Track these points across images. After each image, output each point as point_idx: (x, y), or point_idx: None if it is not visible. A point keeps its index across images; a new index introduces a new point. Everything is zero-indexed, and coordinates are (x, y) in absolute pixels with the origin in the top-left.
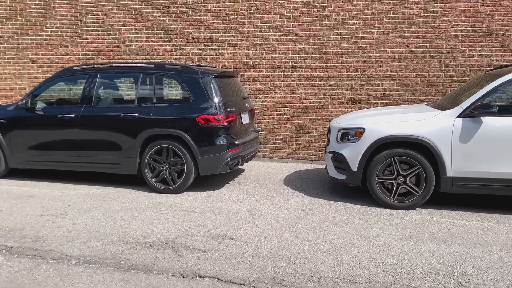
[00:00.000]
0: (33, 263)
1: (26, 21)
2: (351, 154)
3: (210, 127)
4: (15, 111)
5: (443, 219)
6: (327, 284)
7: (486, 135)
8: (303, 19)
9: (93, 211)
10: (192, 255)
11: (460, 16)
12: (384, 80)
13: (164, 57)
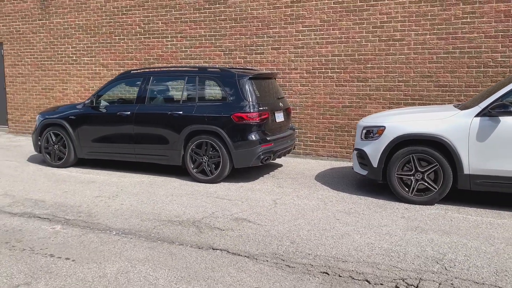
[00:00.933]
0: (82, 232)
1: (98, 31)
2: (372, 151)
3: (244, 124)
4: (83, 109)
5: (457, 214)
6: (320, 261)
7: (504, 134)
8: (342, 22)
9: (140, 195)
10: (212, 232)
11: (500, 17)
12: (422, 81)
13: (214, 61)
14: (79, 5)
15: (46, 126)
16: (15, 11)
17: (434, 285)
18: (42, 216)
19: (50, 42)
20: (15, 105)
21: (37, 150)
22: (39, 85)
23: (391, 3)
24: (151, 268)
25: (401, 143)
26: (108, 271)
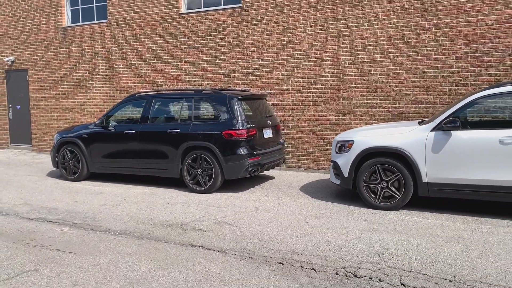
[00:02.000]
0: (85, 232)
1: (112, 57)
2: (344, 162)
3: (233, 140)
4: (94, 128)
5: (415, 218)
6: (279, 254)
7: (454, 146)
8: (328, 46)
9: (140, 203)
10: (195, 233)
11: (468, 39)
12: (401, 99)
13: (215, 83)
14: (95, 34)
15: (62, 144)
16: (38, 41)
17: (368, 272)
18: (54, 220)
19: (70, 68)
20: (38, 125)
21: (54, 165)
22: (59, 107)
23: (371, 28)
24: (137, 259)
25: (368, 155)
26: (101, 261)
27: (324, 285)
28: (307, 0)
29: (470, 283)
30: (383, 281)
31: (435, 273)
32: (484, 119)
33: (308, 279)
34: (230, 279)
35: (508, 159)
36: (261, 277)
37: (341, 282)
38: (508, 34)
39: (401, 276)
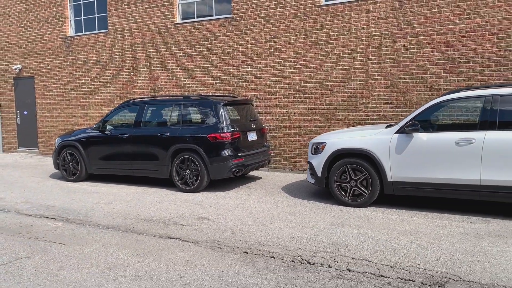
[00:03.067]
0: (76, 227)
1: (112, 65)
2: (317, 163)
3: (217, 142)
4: (92, 132)
5: (380, 214)
6: (246, 244)
7: (415, 147)
8: (311, 54)
9: (130, 201)
10: (175, 227)
11: (441, 47)
12: (379, 103)
13: (208, 89)
14: (96, 43)
15: (63, 147)
16: (44, 50)
17: (320, 260)
18: (49, 216)
19: (73, 75)
20: (44, 130)
21: (56, 167)
22: (64, 112)
23: (351, 37)
24: (118, 249)
25: (339, 156)
26: (86, 250)
27: (278, 270)
28: (292, 11)
29: (408, 268)
30: (331, 267)
31: (380, 261)
32: (443, 122)
33: (266, 265)
34: (196, 265)
35: (463, 159)
36: (224, 264)
37: (294, 268)
38: (477, 42)
39: (348, 263)
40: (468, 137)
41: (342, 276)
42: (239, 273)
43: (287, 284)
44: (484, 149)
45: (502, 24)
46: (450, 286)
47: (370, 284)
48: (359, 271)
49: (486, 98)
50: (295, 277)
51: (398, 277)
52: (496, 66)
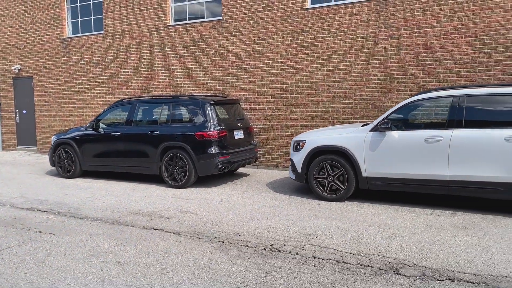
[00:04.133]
0: (67, 219)
1: (108, 65)
2: (298, 160)
3: (204, 140)
4: (86, 131)
5: (355, 208)
6: (223, 235)
7: (387, 145)
8: (298, 56)
9: (120, 196)
10: (159, 219)
11: (419, 49)
12: (361, 103)
13: (199, 89)
14: (92, 44)
15: (58, 145)
16: (42, 50)
17: (290, 248)
18: (43, 210)
19: (70, 76)
20: (42, 128)
21: (52, 164)
22: (61, 111)
23: (335, 39)
24: (103, 238)
25: (317, 153)
26: (74, 240)
27: (249, 257)
28: (279, 14)
29: (369, 256)
30: (299, 254)
31: (345, 249)
32: (414, 121)
33: (238, 252)
34: (173, 253)
35: (431, 156)
36: (200, 251)
37: (264, 255)
38: (453, 44)
39: (315, 250)
40: (436, 135)
41: (306, 262)
42: (212, 260)
43: (254, 269)
44: (451, 146)
45: (477, 27)
46: (403, 271)
47: (331, 269)
48: (323, 258)
49: (453, 98)
50: (263, 263)
51: (358, 263)
52: (471, 67)
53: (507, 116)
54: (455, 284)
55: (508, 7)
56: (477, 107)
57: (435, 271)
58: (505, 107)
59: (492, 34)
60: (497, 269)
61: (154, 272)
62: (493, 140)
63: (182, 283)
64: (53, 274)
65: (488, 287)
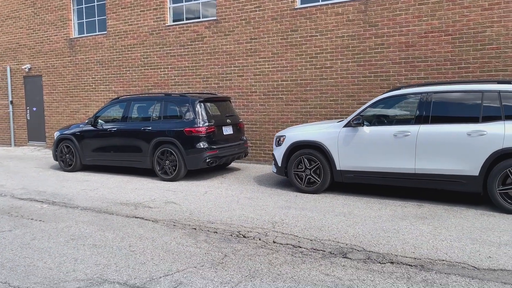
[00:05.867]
0: (58, 208)
1: (111, 64)
2: (278, 154)
3: (193, 136)
4: (85, 127)
5: (329, 199)
6: (197, 222)
7: (359, 139)
8: (287, 54)
9: (113, 188)
10: (143, 209)
11: (402, 47)
12: (347, 100)
13: (195, 87)
14: (96, 44)
15: (60, 140)
16: (51, 50)
17: (255, 234)
18: (39, 200)
19: (76, 74)
20: (50, 125)
21: (55, 159)
22: (68, 108)
23: (322, 38)
24: (86, 225)
25: (296, 147)
26: (59, 226)
27: (214, 242)
28: (270, 14)
29: (324, 241)
30: (261, 239)
31: (304, 235)
32: (385, 116)
33: (206, 238)
34: (146, 237)
35: (400, 150)
36: (170, 237)
37: (228, 240)
38: (434, 42)
39: (276, 236)
40: (404, 130)
41: (265, 246)
42: (180, 244)
43: (215, 252)
44: (418, 141)
45: (456, 25)
46: (351, 255)
47: (285, 252)
48: (281, 243)
49: (421, 95)
50: (225, 247)
51: (312, 248)
52: (451, 65)
53: (470, 112)
54: (394, 266)
55: (486, 6)
56: (442, 104)
57: (380, 255)
58: (468, 103)
59: (470, 32)
60: (438, 254)
61: (124, 254)
62: (456, 135)
63: (145, 263)
64: (33, 254)
65: (423, 268)
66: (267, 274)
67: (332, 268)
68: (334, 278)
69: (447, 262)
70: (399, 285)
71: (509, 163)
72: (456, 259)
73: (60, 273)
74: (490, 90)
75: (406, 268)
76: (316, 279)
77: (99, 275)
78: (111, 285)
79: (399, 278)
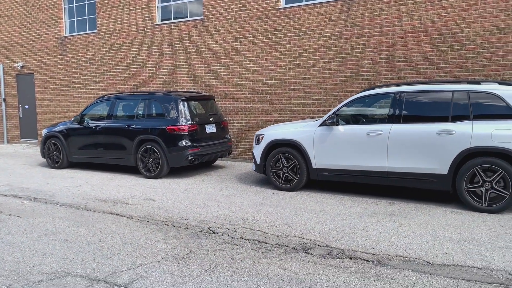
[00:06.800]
0: (39, 204)
1: (101, 63)
2: (257, 152)
3: (175, 134)
4: (72, 124)
5: (304, 196)
6: (171, 219)
7: (333, 138)
8: (272, 54)
9: (96, 185)
10: (121, 206)
11: (382, 47)
12: (330, 99)
13: (183, 85)
14: (87, 42)
15: (48, 138)
16: (42, 49)
17: (224, 230)
18: (21, 196)
19: (67, 72)
20: (43, 122)
21: (42, 156)
22: (59, 106)
23: (306, 37)
24: (62, 221)
25: (273, 146)
26: (36, 221)
27: (183, 237)
28: (255, 13)
29: (290, 237)
30: (229, 235)
31: (272, 231)
32: (360, 115)
33: (175, 233)
34: (117, 233)
35: (372, 149)
36: (141, 232)
37: (197, 236)
38: (413, 42)
39: (244, 232)
40: (377, 129)
41: (231, 242)
42: (149, 239)
43: (181, 247)
44: (390, 140)
45: (435, 26)
46: (313, 250)
47: (249, 248)
48: (248, 239)
49: (394, 94)
50: (192, 242)
51: (277, 243)
52: (430, 65)
53: (440, 111)
54: (351, 262)
55: (463, 6)
56: (414, 103)
57: (340, 251)
58: (438, 103)
59: (448, 33)
60: (397, 250)
61: (92, 249)
62: (426, 134)
63: (111, 258)
64: (5, 248)
65: (379, 264)
66: (227, 268)
67: (291, 263)
68: (290, 273)
69: (403, 258)
70: (351, 280)
71: (476, 162)
72: (413, 255)
73: (27, 266)
74: (459, 90)
75: (362, 263)
76: (272, 273)
77: (64, 268)
78: (73, 278)
79: (353, 273)
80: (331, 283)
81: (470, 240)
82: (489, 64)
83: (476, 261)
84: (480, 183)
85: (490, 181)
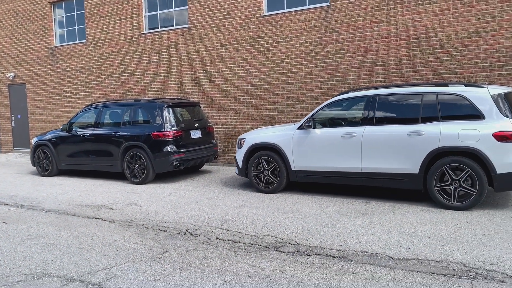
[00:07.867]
0: (25, 211)
1: (90, 71)
2: (239, 156)
3: (160, 140)
4: (60, 133)
5: (284, 198)
6: (151, 222)
7: (310, 141)
8: (255, 60)
9: (83, 192)
10: (105, 211)
11: (361, 52)
12: (311, 103)
13: (170, 92)
14: (77, 52)
15: (37, 146)
16: (33, 59)
17: (202, 232)
18: (9, 203)
19: (58, 82)
20: (34, 132)
21: (33, 164)
22: (51, 115)
23: (288, 44)
24: (46, 226)
25: (255, 149)
26: (21, 227)
27: (160, 239)
28: (238, 21)
29: (263, 237)
30: (206, 236)
31: (247, 232)
32: (335, 119)
33: (154, 236)
34: (98, 236)
35: (347, 151)
36: (121, 235)
37: (175, 237)
38: (390, 46)
39: (220, 233)
40: (351, 131)
41: (206, 242)
42: (127, 241)
43: (158, 248)
44: (363, 141)
45: (410, 30)
46: (283, 248)
47: (223, 247)
48: (223, 239)
49: (367, 98)
50: (169, 244)
51: (250, 243)
52: (406, 68)
53: (411, 113)
54: (318, 258)
55: (436, 11)
56: (386, 106)
57: (309, 248)
58: (409, 105)
59: (423, 37)
60: (363, 246)
61: (72, 251)
62: (397, 135)
63: (89, 259)
64: None
65: (344, 259)
66: (198, 267)
67: (259, 260)
68: (257, 269)
69: (368, 253)
70: (315, 274)
71: (445, 161)
72: (378, 250)
73: (6, 268)
74: (428, 93)
75: (328, 259)
76: (240, 270)
77: (42, 270)
78: (50, 279)
79: (317, 268)
80: (295, 277)
81: (434, 236)
82: (462, 66)
83: (436, 255)
84: (449, 182)
85: (458, 180)
